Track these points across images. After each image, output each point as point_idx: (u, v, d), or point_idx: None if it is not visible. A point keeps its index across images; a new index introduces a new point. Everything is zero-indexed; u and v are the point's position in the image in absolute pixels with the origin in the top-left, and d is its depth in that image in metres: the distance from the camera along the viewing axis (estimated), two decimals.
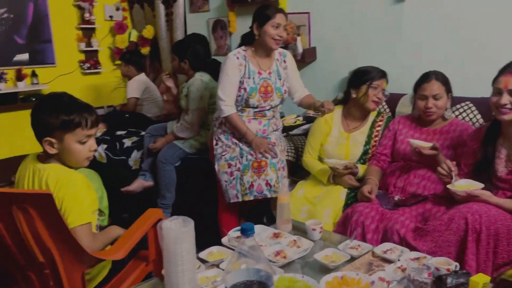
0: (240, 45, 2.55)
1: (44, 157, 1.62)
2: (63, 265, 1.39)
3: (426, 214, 2.02)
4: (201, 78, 3.08)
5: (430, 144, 2.07)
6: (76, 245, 1.38)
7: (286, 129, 3.08)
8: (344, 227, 2.13)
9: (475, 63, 2.61)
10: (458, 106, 2.49)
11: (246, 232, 1.04)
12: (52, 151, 1.57)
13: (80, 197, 1.55)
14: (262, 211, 2.71)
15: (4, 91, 4.07)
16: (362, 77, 2.44)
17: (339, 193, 2.37)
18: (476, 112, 2.43)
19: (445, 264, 1.52)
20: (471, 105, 2.47)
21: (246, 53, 2.47)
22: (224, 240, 1.81)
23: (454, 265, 1.51)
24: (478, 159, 1.95)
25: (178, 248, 1.24)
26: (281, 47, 2.95)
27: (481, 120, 2.40)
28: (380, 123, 2.50)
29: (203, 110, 3.08)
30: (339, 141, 2.50)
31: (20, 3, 4.19)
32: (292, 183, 2.70)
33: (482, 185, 1.81)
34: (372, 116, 2.53)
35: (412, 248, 1.76)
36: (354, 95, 2.46)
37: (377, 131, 2.48)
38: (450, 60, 2.68)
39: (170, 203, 3.13)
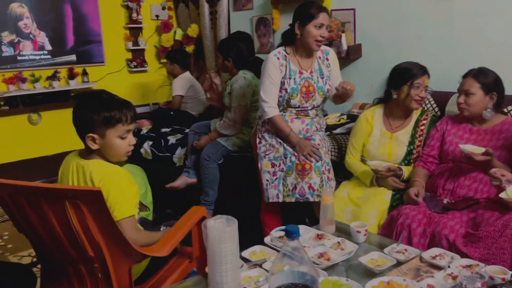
0: (280, 44, 2.52)
1: (86, 153, 1.67)
2: (111, 259, 1.43)
3: (478, 219, 1.92)
4: (244, 75, 3.09)
5: (482, 150, 1.97)
6: (123, 240, 1.42)
7: (329, 128, 3.03)
8: (389, 230, 2.07)
9: None
10: None
11: (292, 235, 1.03)
12: (94, 146, 1.62)
13: (124, 191, 1.60)
14: (304, 211, 2.68)
15: (57, 89, 4.27)
16: (403, 76, 2.33)
17: (384, 195, 2.31)
18: None
19: (500, 273, 1.44)
20: None
21: (286, 53, 2.44)
22: (266, 239, 1.80)
23: (509, 274, 1.43)
24: None
25: (222, 247, 1.26)
26: (325, 44, 2.91)
27: None
28: (424, 121, 2.41)
29: (245, 107, 3.08)
30: (382, 141, 2.43)
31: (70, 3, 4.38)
32: (336, 183, 2.66)
33: None
34: (415, 115, 2.44)
35: (463, 255, 1.68)
36: (395, 96, 2.37)
37: (421, 130, 2.39)
38: (503, 57, 2.54)
39: (213, 200, 3.16)
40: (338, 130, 3.03)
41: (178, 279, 1.70)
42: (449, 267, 1.53)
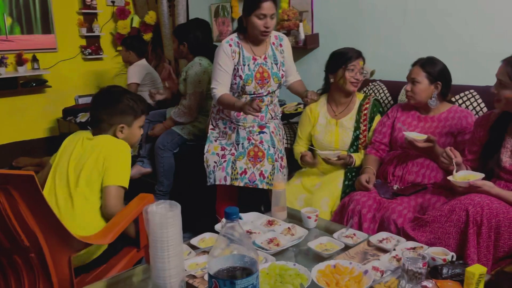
0: (235, 31, 2.49)
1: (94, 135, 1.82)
2: (49, 249, 1.36)
3: (425, 204, 1.97)
4: (199, 62, 3.03)
5: (424, 137, 2.02)
6: (61, 228, 1.35)
7: (286, 117, 3.03)
8: (341, 216, 2.09)
9: (479, 51, 2.53)
10: (461, 94, 2.42)
11: (231, 216, 1.00)
12: (120, 136, 1.80)
13: (124, 162, 1.73)
14: (261, 200, 2.67)
15: (4, 76, 4.05)
16: (338, 60, 2.38)
17: (337, 182, 2.33)
18: (480, 100, 2.36)
19: (442, 254, 1.47)
20: (475, 93, 2.40)
21: (239, 39, 2.41)
22: (217, 226, 1.77)
23: (450, 255, 1.46)
24: (483, 146, 1.90)
25: (164, 233, 1.21)
26: (283, 33, 2.90)
27: (485, 109, 2.33)
28: (367, 105, 2.44)
29: (201, 94, 3.03)
30: (328, 128, 2.45)
31: None
32: (291, 172, 2.66)
33: (483, 175, 1.75)
34: (358, 100, 2.47)
35: (410, 239, 1.71)
36: (332, 80, 2.42)
37: (365, 114, 2.42)
38: (453, 48, 2.61)
39: (168, 190, 3.10)
40: (294, 119, 3.04)
41: (125, 267, 1.65)
42: (394, 250, 1.56)
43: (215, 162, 2.49)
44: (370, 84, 2.86)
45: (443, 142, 2.12)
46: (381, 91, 2.79)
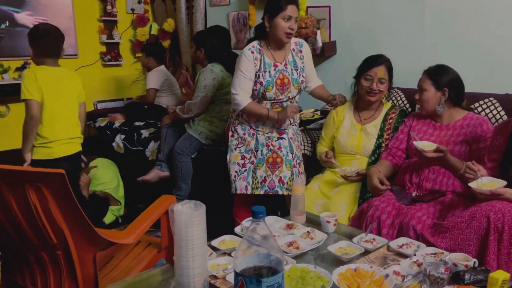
0: (253, 38, 2.52)
1: None
2: (75, 246, 1.39)
3: (445, 211, 1.96)
4: (212, 68, 3.09)
5: (434, 147, 2.01)
6: (88, 226, 1.38)
7: (303, 123, 3.05)
8: (359, 222, 2.09)
9: (499, 59, 2.53)
10: (481, 102, 2.42)
11: (258, 215, 1.02)
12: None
13: None
14: (277, 205, 2.68)
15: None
16: (360, 68, 2.45)
17: (355, 187, 2.33)
18: (500, 108, 2.35)
19: (464, 260, 1.47)
20: (495, 101, 2.39)
21: (260, 46, 2.44)
22: (237, 229, 1.79)
23: (472, 262, 1.46)
24: (503, 154, 1.89)
25: (189, 232, 1.24)
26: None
27: (505, 117, 2.32)
28: (393, 115, 2.45)
29: (205, 98, 3.08)
30: (351, 132, 2.47)
31: None
32: (309, 178, 2.68)
33: (505, 182, 1.74)
34: (385, 109, 2.49)
35: (430, 245, 1.71)
36: (356, 88, 2.49)
37: (390, 124, 2.43)
38: (469, 56, 2.60)
39: (186, 194, 3.13)
40: (311, 126, 3.05)
41: (145, 268, 1.67)
42: (415, 255, 1.56)
43: (236, 172, 2.52)
44: (389, 91, 2.86)
45: (458, 151, 2.11)
46: (398, 98, 2.79)
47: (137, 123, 3.73)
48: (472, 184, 1.76)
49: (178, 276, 1.27)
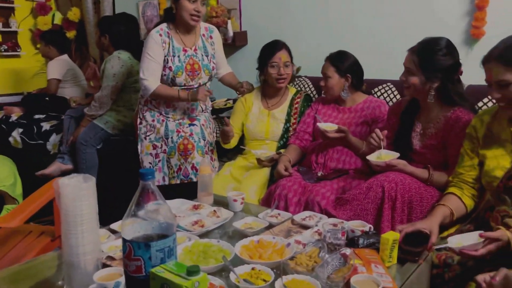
0: (162, 21, 2.45)
1: None
2: None
3: (347, 187, 2.04)
4: (118, 55, 2.97)
5: (335, 127, 2.11)
6: None
7: (215, 112, 3.03)
8: (268, 203, 2.11)
9: (396, 47, 2.70)
10: (380, 87, 2.57)
11: (146, 177, 0.96)
12: None
13: None
14: (193, 196, 2.62)
15: None
16: (262, 57, 2.49)
17: (265, 171, 2.36)
18: (396, 92, 2.52)
19: (360, 226, 1.53)
20: (392, 86, 2.55)
21: (169, 30, 2.37)
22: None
23: (368, 227, 1.53)
24: (396, 132, 2.01)
25: (77, 206, 1.15)
26: None
27: None
28: (298, 100, 2.53)
29: (114, 87, 2.96)
30: (260, 118, 2.51)
31: None
32: (220, 165, 2.66)
33: (398, 154, 1.85)
34: (290, 94, 2.56)
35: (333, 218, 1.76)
36: (262, 77, 2.53)
37: (296, 108, 2.50)
38: (372, 45, 2.76)
39: None
40: (224, 114, 3.04)
41: (37, 255, 1.53)
42: (316, 225, 1.60)
43: (150, 163, 2.43)
44: (296, 80, 2.94)
45: (359, 131, 2.23)
46: (306, 86, 2.88)
47: (37, 116, 3.45)
48: (369, 157, 1.85)
49: (66, 255, 1.17)
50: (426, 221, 1.51)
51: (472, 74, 2.06)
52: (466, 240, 1.34)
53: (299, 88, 2.79)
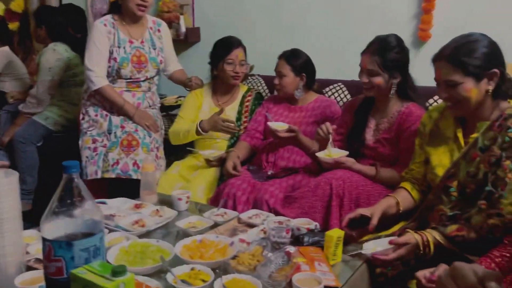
0: (108, 13, 2.36)
1: None
2: None
3: (296, 185, 2.03)
4: (54, 48, 2.83)
5: (286, 127, 2.06)
6: None
7: (166, 109, 2.95)
8: (217, 202, 2.05)
9: (350, 47, 2.73)
10: (331, 86, 2.58)
11: (70, 170, 0.89)
12: None
13: None
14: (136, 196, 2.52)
15: None
16: (218, 52, 2.41)
17: (214, 170, 2.30)
18: (346, 92, 2.53)
19: (306, 224, 1.51)
20: (342, 86, 2.57)
21: (114, 21, 2.29)
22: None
23: (314, 225, 1.51)
24: (349, 129, 2.01)
25: None
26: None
27: None
28: (249, 98, 2.49)
29: (51, 82, 2.82)
30: (210, 115, 2.43)
31: None
32: (169, 164, 2.58)
33: (347, 152, 1.85)
34: (241, 91, 2.51)
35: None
36: (215, 73, 2.45)
37: (247, 106, 2.46)
38: (324, 46, 2.77)
39: (32, 188, 2.79)
40: (174, 111, 2.97)
41: None
42: (263, 224, 1.56)
43: (86, 157, 2.33)
44: (250, 78, 2.91)
45: (310, 131, 2.20)
46: (259, 84, 2.85)
47: None
48: (319, 154, 1.84)
49: None
50: (370, 207, 1.54)
51: (420, 75, 2.11)
52: (380, 246, 1.37)
53: (251, 86, 2.75)
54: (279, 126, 2.09)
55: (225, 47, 2.41)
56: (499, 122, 1.37)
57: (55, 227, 0.89)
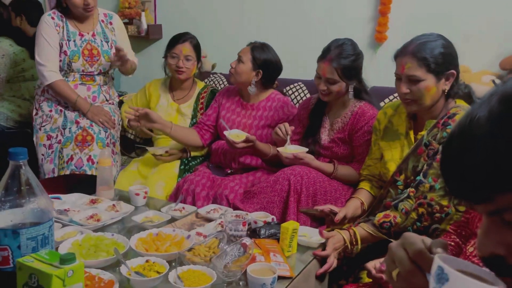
0: (56, 6, 2.31)
1: None
2: None
3: (256, 181, 2.04)
4: None
5: (243, 137, 1.98)
6: None
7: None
8: (176, 199, 2.04)
9: (311, 46, 2.78)
10: (291, 85, 2.62)
11: (17, 157, 0.86)
12: None
13: None
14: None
15: None
16: (167, 46, 2.40)
17: (173, 167, 2.28)
18: (306, 91, 2.58)
19: (263, 217, 1.53)
20: (302, 85, 2.62)
21: (63, 13, 2.26)
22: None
23: (270, 218, 1.53)
24: (305, 128, 2.04)
25: None
26: (125, 23, 2.78)
27: None
28: (205, 94, 2.46)
29: None
30: (168, 111, 2.42)
31: None
32: (128, 161, 2.55)
33: (307, 149, 1.89)
34: (198, 88, 2.48)
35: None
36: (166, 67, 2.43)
37: (202, 103, 2.44)
38: (285, 44, 2.80)
39: None
40: None
41: None
42: (220, 218, 1.57)
43: (42, 155, 2.27)
44: (211, 76, 2.91)
45: (265, 134, 2.18)
46: (221, 82, 2.85)
47: None
48: (280, 149, 1.86)
49: None
50: (342, 208, 1.64)
51: (375, 76, 2.18)
52: (313, 234, 1.51)
53: (211, 84, 2.75)
54: (236, 135, 2.01)
55: (171, 41, 2.38)
56: (443, 120, 1.44)
57: (1, 216, 0.87)
